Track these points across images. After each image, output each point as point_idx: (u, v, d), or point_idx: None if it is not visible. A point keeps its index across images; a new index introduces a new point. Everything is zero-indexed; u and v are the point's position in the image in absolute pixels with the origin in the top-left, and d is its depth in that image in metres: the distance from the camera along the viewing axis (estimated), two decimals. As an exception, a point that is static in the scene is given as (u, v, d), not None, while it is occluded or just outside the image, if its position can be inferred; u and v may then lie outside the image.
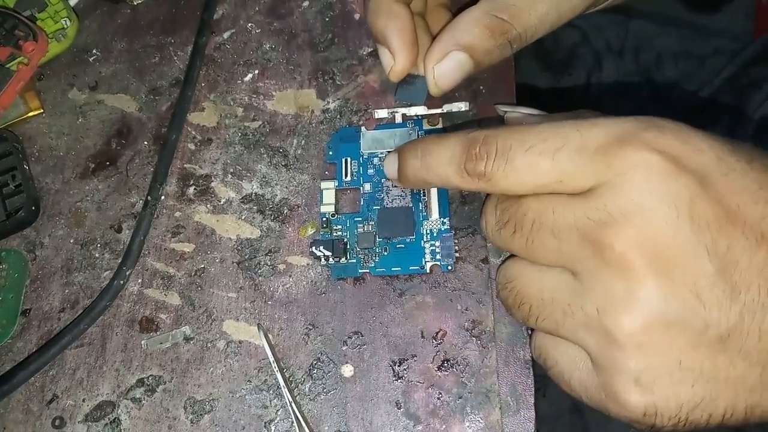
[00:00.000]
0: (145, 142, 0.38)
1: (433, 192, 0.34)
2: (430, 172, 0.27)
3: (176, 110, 0.38)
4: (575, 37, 0.60)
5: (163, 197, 0.37)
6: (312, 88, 0.38)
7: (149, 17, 0.41)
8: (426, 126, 0.35)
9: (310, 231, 0.35)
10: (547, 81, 0.61)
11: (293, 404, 0.31)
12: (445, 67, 0.28)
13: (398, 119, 0.36)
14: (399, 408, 0.31)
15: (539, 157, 0.22)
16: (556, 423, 0.54)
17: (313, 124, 0.37)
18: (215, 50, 0.40)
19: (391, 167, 0.29)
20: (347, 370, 0.32)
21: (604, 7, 0.31)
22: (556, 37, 0.61)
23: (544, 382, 0.31)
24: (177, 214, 0.36)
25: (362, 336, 0.33)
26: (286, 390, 0.31)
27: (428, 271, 0.33)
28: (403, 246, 0.33)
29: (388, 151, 0.35)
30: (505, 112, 0.29)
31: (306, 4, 0.40)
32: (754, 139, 0.43)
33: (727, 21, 0.67)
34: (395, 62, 0.30)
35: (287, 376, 0.32)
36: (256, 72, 0.39)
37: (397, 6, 0.30)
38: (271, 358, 0.32)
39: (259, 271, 0.35)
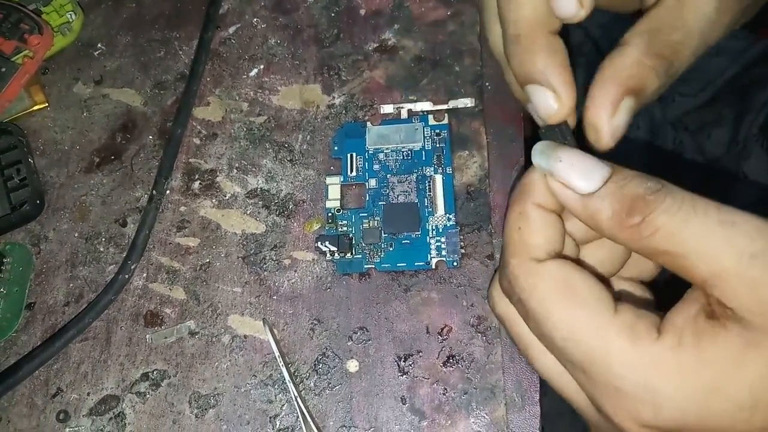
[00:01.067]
0: (150, 137, 0.38)
1: (439, 188, 0.34)
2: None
3: (181, 105, 0.38)
4: (578, 35, 0.60)
5: (168, 192, 0.37)
6: (317, 84, 0.38)
7: (154, 12, 0.41)
8: (432, 122, 0.35)
9: (316, 226, 0.35)
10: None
11: (298, 399, 0.31)
12: (621, 120, 0.24)
13: (404, 115, 0.36)
14: (404, 403, 0.31)
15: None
16: (559, 421, 0.54)
17: (319, 120, 0.37)
18: (220, 45, 0.40)
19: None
20: (352, 366, 0.32)
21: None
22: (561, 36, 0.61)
23: (545, 380, 0.31)
24: (182, 208, 0.36)
25: (367, 331, 0.33)
26: (291, 385, 0.31)
27: (434, 266, 0.33)
28: (408, 242, 0.33)
29: (394, 146, 0.35)
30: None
31: (312, -1, 0.40)
32: (759, 139, 0.43)
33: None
34: (561, 104, 0.25)
35: (292, 371, 0.32)
36: (262, 67, 0.39)
37: (555, 39, 0.26)
38: (277, 353, 0.32)
39: (265, 265, 0.35)
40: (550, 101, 0.26)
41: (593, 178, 0.22)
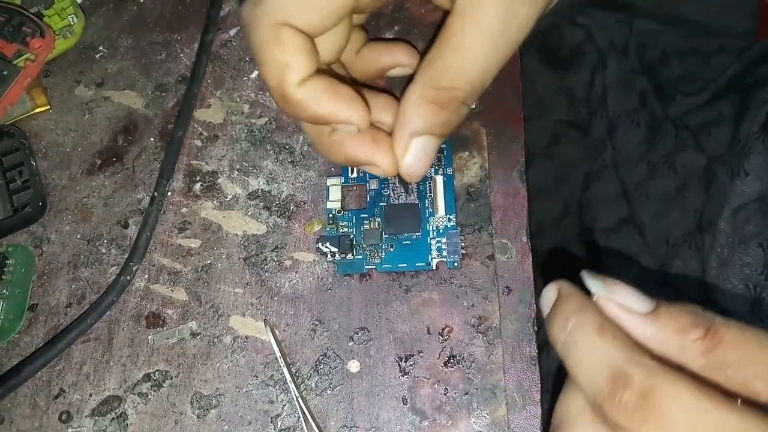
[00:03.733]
0: (152, 139, 0.39)
1: (440, 188, 0.34)
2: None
3: (182, 107, 0.38)
4: (579, 35, 0.60)
5: (169, 193, 0.37)
6: (318, 85, 0.38)
7: (155, 14, 0.42)
8: (432, 123, 0.35)
9: (317, 227, 0.35)
10: (552, 79, 0.61)
11: (300, 399, 0.31)
12: (411, 159, 0.26)
13: (404, 116, 0.36)
14: (405, 403, 0.31)
15: None
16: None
17: (319, 121, 0.37)
18: (221, 47, 0.40)
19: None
20: (353, 366, 0.32)
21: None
22: (561, 36, 0.61)
23: (547, 380, 0.31)
24: (183, 210, 0.37)
25: (368, 332, 0.33)
26: (292, 385, 0.31)
27: (434, 267, 0.33)
28: (409, 242, 0.33)
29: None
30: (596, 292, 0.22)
31: (312, 1, 0.40)
32: (760, 137, 0.43)
33: (730, 20, 0.67)
34: (387, 170, 0.27)
35: (294, 371, 0.32)
36: (263, 69, 0.39)
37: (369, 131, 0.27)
38: (278, 354, 0.32)
39: (266, 267, 0.35)
40: (378, 171, 0.27)
41: (644, 300, 0.21)
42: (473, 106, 0.35)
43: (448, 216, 0.34)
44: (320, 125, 0.27)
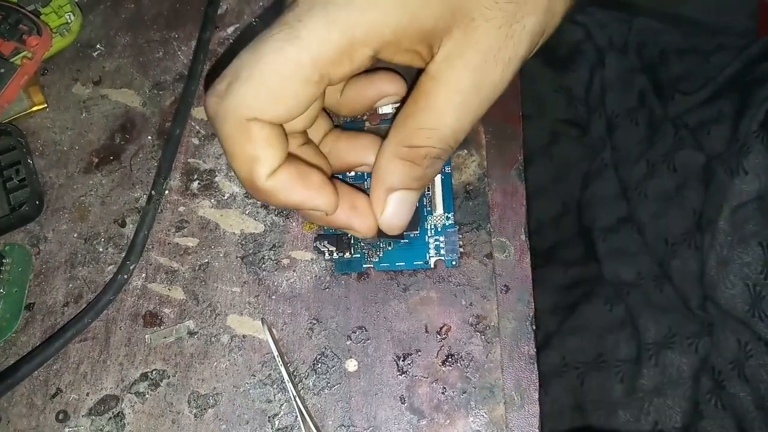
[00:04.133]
0: (149, 137, 0.38)
1: (438, 186, 0.34)
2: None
3: (180, 105, 0.38)
4: (578, 33, 0.60)
5: (167, 192, 0.37)
6: (316, 83, 0.38)
7: (153, 12, 0.41)
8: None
9: (315, 226, 0.35)
10: (550, 77, 0.61)
11: (297, 399, 0.31)
12: (389, 214, 0.27)
13: (402, 114, 0.36)
14: (403, 402, 0.31)
15: None
16: (558, 420, 0.54)
17: (317, 119, 0.37)
18: (219, 45, 0.40)
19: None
20: (351, 365, 0.32)
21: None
22: (560, 34, 0.61)
23: (545, 379, 0.31)
24: (181, 208, 0.36)
25: (366, 331, 0.33)
26: (290, 385, 0.31)
27: (432, 266, 0.33)
28: (407, 241, 0.33)
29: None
30: None
31: (310, -1, 0.40)
32: (759, 135, 0.43)
33: (730, 19, 0.67)
34: (366, 231, 0.29)
35: (291, 370, 0.32)
36: (260, 67, 0.39)
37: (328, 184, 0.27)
38: (276, 353, 0.32)
39: (263, 265, 0.35)
40: (360, 235, 0.29)
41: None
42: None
43: (446, 214, 0.33)
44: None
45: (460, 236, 0.33)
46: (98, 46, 0.41)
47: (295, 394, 0.31)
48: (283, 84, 0.23)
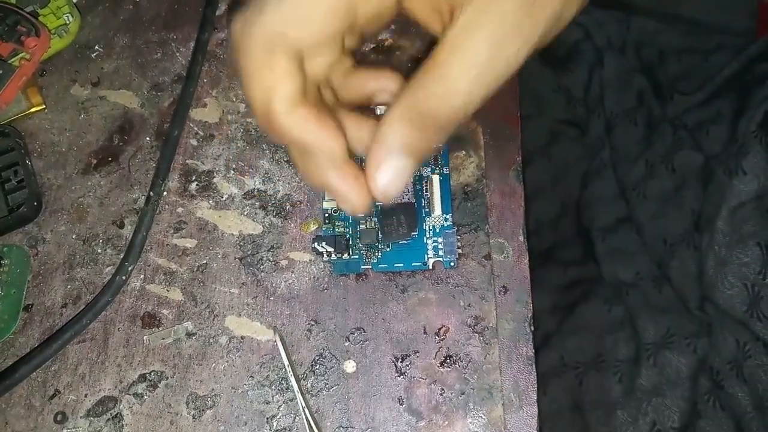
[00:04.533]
0: (148, 138, 0.38)
1: (436, 187, 0.34)
2: None
3: (178, 106, 0.38)
4: (577, 33, 0.60)
5: (165, 193, 0.37)
6: (314, 84, 0.38)
7: (151, 13, 0.41)
8: (428, 122, 0.35)
9: (313, 227, 0.35)
10: (549, 77, 0.61)
11: (306, 408, 0.31)
12: (385, 177, 0.26)
13: (401, 115, 0.36)
14: (401, 404, 0.31)
15: None
16: (557, 421, 0.54)
17: (316, 120, 0.37)
18: (217, 46, 0.40)
19: None
20: (349, 366, 0.32)
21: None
22: (558, 34, 0.61)
23: (544, 380, 0.31)
24: (179, 209, 0.36)
25: (365, 332, 0.33)
26: (299, 395, 0.31)
27: (431, 267, 0.33)
28: (405, 242, 0.33)
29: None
30: None
31: None
32: (757, 135, 0.43)
33: (729, 18, 0.67)
34: (359, 205, 0.27)
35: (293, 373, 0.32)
36: (259, 68, 0.39)
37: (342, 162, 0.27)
38: (286, 363, 0.32)
39: (262, 266, 0.35)
40: (350, 207, 0.27)
41: None
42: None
43: (444, 215, 0.33)
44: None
45: (459, 237, 0.33)
46: (97, 47, 0.41)
47: (304, 405, 0.31)
48: (311, 7, 0.24)
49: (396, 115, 0.25)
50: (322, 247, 0.33)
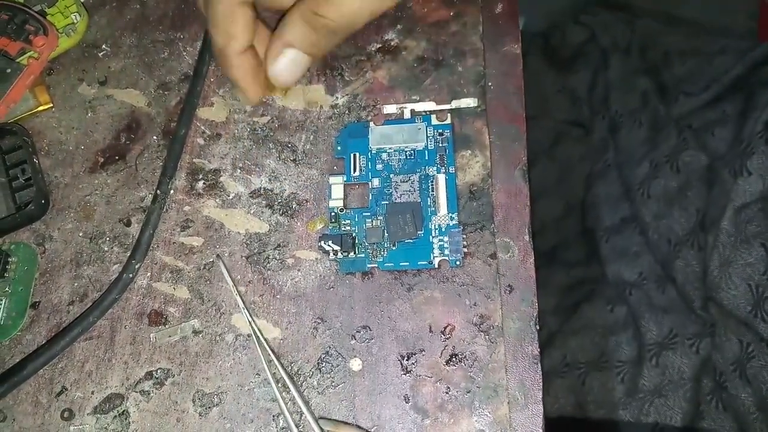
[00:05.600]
0: (155, 137, 0.39)
1: (442, 187, 0.34)
2: None
3: (185, 105, 0.38)
4: (582, 35, 0.60)
5: (172, 191, 0.37)
6: (320, 84, 0.38)
7: (158, 13, 0.42)
8: (435, 122, 0.35)
9: (319, 225, 0.35)
10: (554, 78, 0.61)
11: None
12: (280, 65, 0.30)
13: (407, 115, 0.36)
14: (407, 402, 0.31)
15: None
16: (559, 421, 0.54)
17: (322, 120, 0.37)
18: (224, 45, 0.40)
19: None
20: (355, 364, 0.32)
21: None
22: (563, 36, 0.61)
23: (547, 379, 0.31)
24: (186, 208, 0.37)
25: (370, 330, 0.33)
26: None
27: (437, 266, 0.33)
28: (411, 241, 0.33)
29: (397, 146, 0.35)
30: None
31: (315, -1, 0.40)
32: (763, 136, 0.43)
33: (731, 20, 0.67)
34: (253, 98, 0.32)
35: (295, 369, 0.33)
36: (265, 67, 0.39)
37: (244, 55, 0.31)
38: (230, 282, 0.33)
39: (268, 265, 0.35)
40: (245, 99, 0.33)
41: None
42: (474, 105, 0.35)
43: (450, 215, 0.34)
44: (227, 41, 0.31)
45: (464, 236, 0.33)
46: (104, 46, 0.41)
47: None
48: None
49: (294, 15, 0.30)
50: (328, 245, 0.33)
